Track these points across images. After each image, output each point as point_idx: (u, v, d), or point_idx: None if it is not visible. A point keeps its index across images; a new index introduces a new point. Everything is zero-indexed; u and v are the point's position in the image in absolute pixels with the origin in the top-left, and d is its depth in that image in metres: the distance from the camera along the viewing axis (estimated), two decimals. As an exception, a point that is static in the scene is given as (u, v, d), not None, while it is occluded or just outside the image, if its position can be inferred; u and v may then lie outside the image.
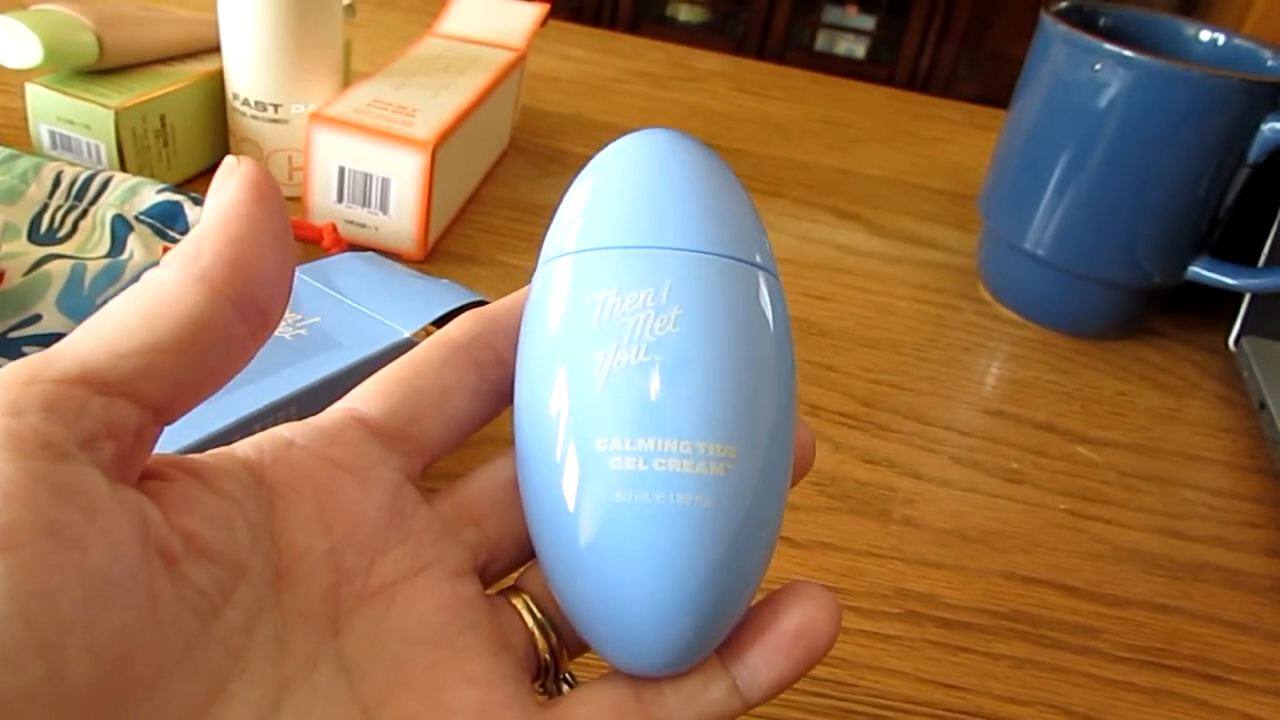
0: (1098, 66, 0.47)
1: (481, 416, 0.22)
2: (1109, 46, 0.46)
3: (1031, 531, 0.40)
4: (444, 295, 0.38)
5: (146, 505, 0.16)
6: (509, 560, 0.22)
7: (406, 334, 0.35)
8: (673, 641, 0.19)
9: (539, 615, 0.21)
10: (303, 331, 0.34)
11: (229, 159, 0.19)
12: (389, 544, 0.20)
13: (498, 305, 0.22)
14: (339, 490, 0.20)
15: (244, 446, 0.20)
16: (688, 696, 0.20)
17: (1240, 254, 0.52)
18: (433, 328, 0.37)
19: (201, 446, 0.28)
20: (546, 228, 0.22)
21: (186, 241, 0.18)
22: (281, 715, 0.17)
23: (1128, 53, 0.45)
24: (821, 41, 2.33)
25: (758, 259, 0.21)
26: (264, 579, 0.18)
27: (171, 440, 0.28)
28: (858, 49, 2.34)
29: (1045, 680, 0.34)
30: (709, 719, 0.20)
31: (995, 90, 0.89)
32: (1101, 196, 0.49)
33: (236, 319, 0.18)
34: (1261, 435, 0.48)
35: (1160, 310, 0.56)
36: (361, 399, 0.21)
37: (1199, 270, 0.51)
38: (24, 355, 0.36)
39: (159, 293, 0.17)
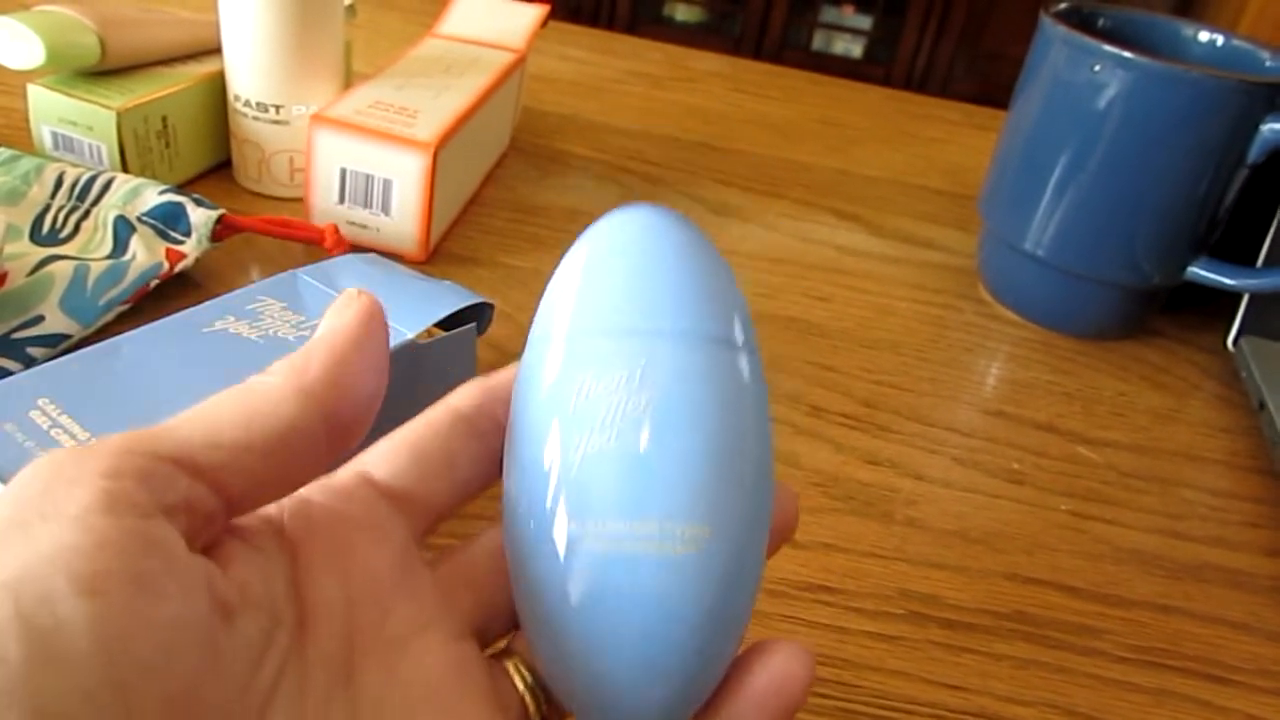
0: (1097, 68, 0.47)
1: (482, 482, 0.23)
2: (1108, 48, 0.46)
3: (1033, 532, 0.40)
4: (446, 297, 0.38)
5: (210, 565, 0.17)
6: (502, 625, 0.23)
7: (410, 335, 0.35)
8: (652, 711, 0.20)
9: (529, 679, 0.22)
10: (306, 333, 0.34)
11: (349, 290, 0.21)
12: (398, 600, 0.21)
13: (499, 376, 0.23)
14: (354, 545, 0.21)
15: None
16: None
17: (1239, 254, 0.52)
18: (436, 329, 0.37)
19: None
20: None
21: (298, 354, 0.20)
22: None
23: (1127, 54, 0.46)
24: (818, 41, 2.33)
25: (735, 337, 0.22)
26: (293, 627, 0.19)
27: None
28: (854, 48, 2.34)
29: (1048, 680, 0.34)
30: None
31: (992, 90, 0.89)
32: (1101, 197, 0.49)
33: (323, 434, 0.19)
34: (1261, 435, 0.49)
35: (1160, 311, 0.56)
36: (371, 462, 0.22)
37: (1198, 270, 0.51)
38: (29, 355, 0.36)
39: (262, 396, 0.19)
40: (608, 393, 0.20)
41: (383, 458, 0.22)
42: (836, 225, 0.62)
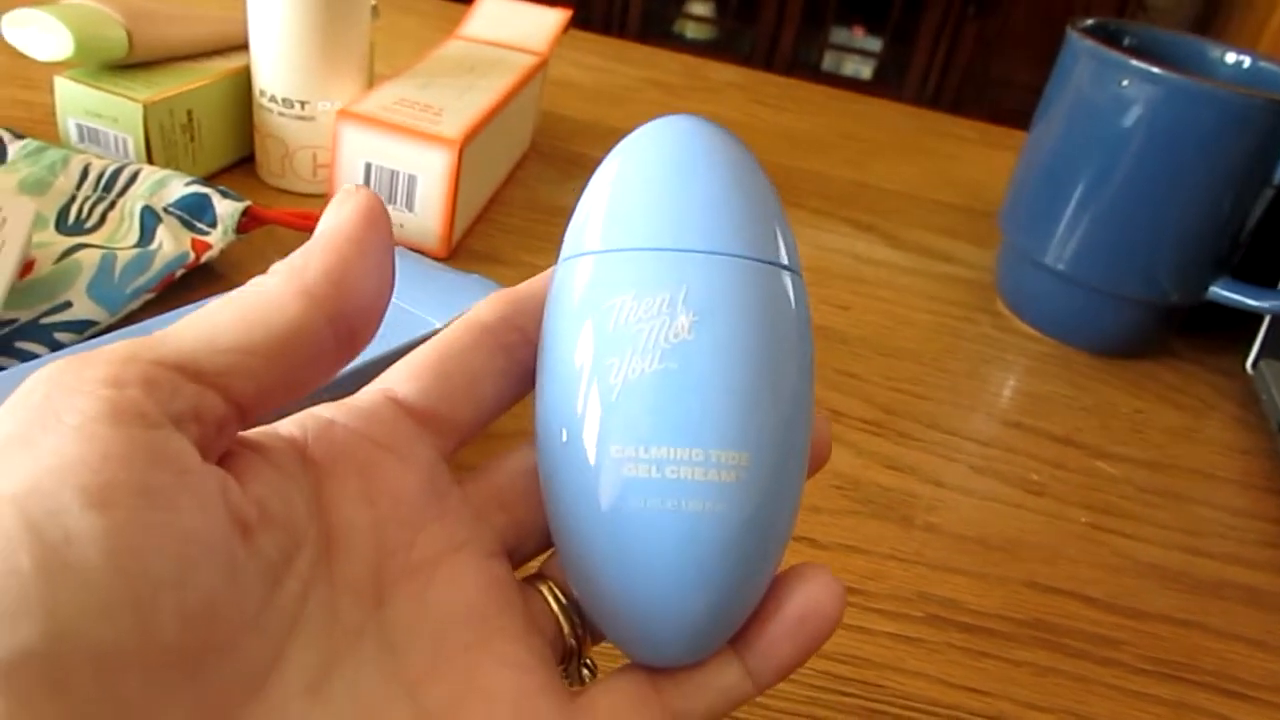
0: (1124, 82, 0.47)
1: (510, 398, 0.22)
2: (1136, 63, 0.46)
3: (1052, 542, 0.40)
4: (473, 288, 0.38)
5: (225, 477, 0.17)
6: (534, 546, 0.22)
7: (437, 325, 0.35)
8: (686, 637, 0.20)
9: (562, 601, 0.22)
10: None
11: (348, 185, 0.20)
12: (427, 521, 0.20)
13: (523, 287, 0.23)
14: (379, 467, 0.20)
15: (286, 425, 0.20)
16: (700, 684, 0.21)
17: (1261, 275, 0.52)
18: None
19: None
20: (570, 216, 0.22)
21: (295, 254, 0.19)
22: (333, 685, 0.17)
23: (1155, 69, 0.46)
24: (828, 62, 2.34)
25: (780, 258, 0.21)
26: (317, 550, 0.18)
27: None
28: (864, 70, 2.35)
29: (1067, 689, 0.34)
30: (722, 704, 0.21)
31: (1001, 116, 0.89)
32: (1124, 213, 0.49)
33: (329, 335, 0.18)
34: (1278, 457, 0.49)
35: (1178, 330, 0.56)
36: (395, 380, 0.21)
37: (1219, 290, 0.51)
38: (56, 340, 0.36)
39: (261, 298, 0.18)
40: (649, 315, 0.20)
41: (406, 376, 0.21)
42: (855, 235, 0.62)
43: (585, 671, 0.23)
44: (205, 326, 0.17)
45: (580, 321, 0.20)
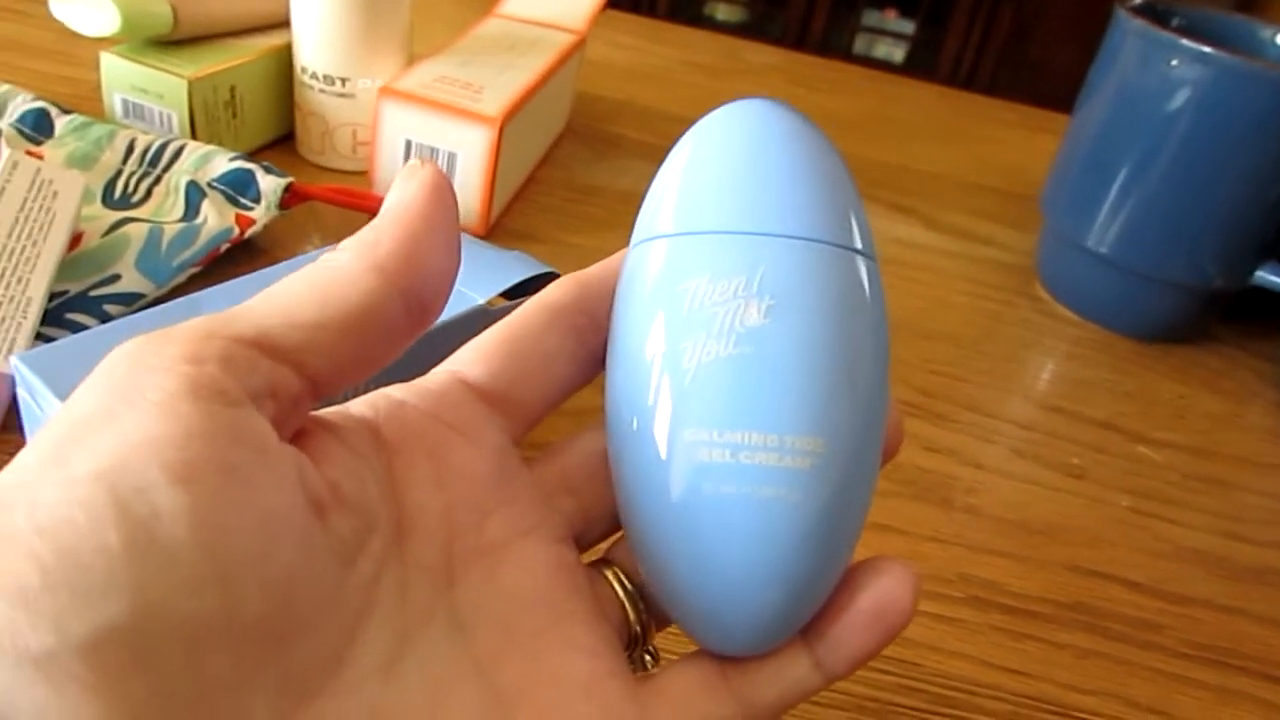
0: (1173, 63, 0.46)
1: (579, 381, 0.22)
2: (1186, 43, 0.46)
3: (1094, 526, 0.40)
4: (515, 265, 0.38)
5: (300, 457, 0.17)
6: (601, 531, 0.22)
7: (480, 301, 0.35)
8: (757, 626, 0.19)
9: (628, 586, 0.22)
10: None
11: (414, 160, 0.20)
12: (497, 504, 0.20)
13: (594, 270, 0.22)
14: (450, 449, 0.20)
15: (358, 405, 0.20)
16: (770, 674, 0.20)
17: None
18: (500, 299, 0.37)
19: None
20: (642, 197, 0.22)
21: (366, 230, 0.19)
22: (405, 663, 0.17)
23: (1206, 49, 0.45)
24: (860, 45, 2.32)
25: (855, 243, 0.20)
26: (389, 531, 0.18)
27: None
28: (896, 53, 2.32)
29: (1109, 671, 0.34)
30: (791, 695, 0.20)
31: (1037, 99, 0.88)
32: (1169, 196, 0.48)
33: (401, 310, 0.18)
34: (1323, 442, 0.48)
35: (1221, 316, 0.55)
36: (465, 363, 0.21)
37: (1265, 275, 0.50)
38: (105, 312, 0.36)
39: (335, 274, 0.18)
40: (723, 298, 0.19)
41: (476, 358, 0.21)
42: (893, 218, 0.62)
43: (648, 659, 0.22)
44: (281, 302, 0.17)
45: (653, 305, 0.20)
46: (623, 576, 0.22)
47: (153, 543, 0.13)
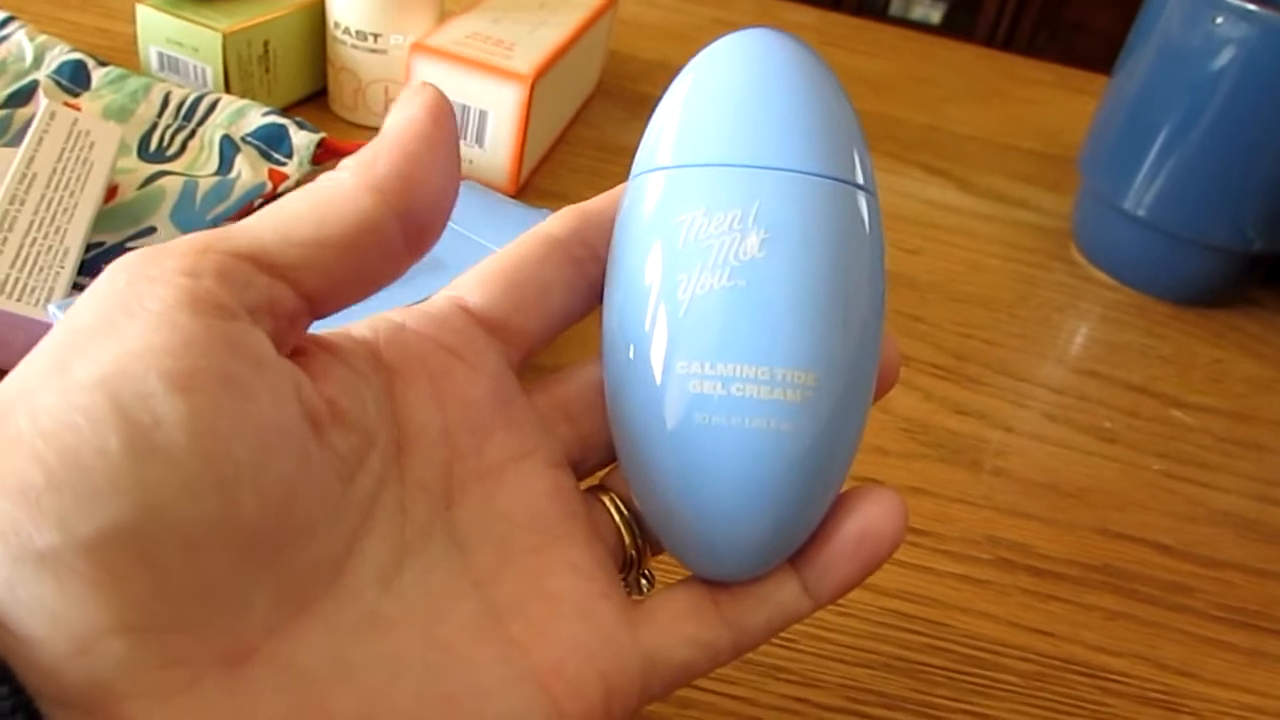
0: (1218, 21, 0.45)
1: (578, 311, 0.22)
2: (1231, 0, 0.45)
3: (1124, 489, 0.40)
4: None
5: (298, 372, 0.17)
6: (598, 460, 0.23)
7: (511, 258, 0.35)
8: (745, 553, 0.20)
9: (625, 512, 0.22)
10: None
11: (415, 83, 0.19)
12: (495, 427, 0.20)
13: (595, 202, 0.22)
14: (450, 372, 0.20)
15: (359, 328, 0.20)
16: (759, 599, 0.21)
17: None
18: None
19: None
20: (642, 130, 0.22)
21: (364, 150, 0.19)
22: (403, 577, 0.18)
23: (1250, 6, 0.44)
24: (896, 6, 2.28)
25: (855, 177, 0.20)
26: (389, 450, 0.19)
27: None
28: (933, 14, 2.28)
29: (1138, 633, 0.34)
30: (779, 619, 0.21)
31: (1076, 62, 0.86)
32: (1210, 157, 0.48)
33: (398, 231, 0.18)
34: (1362, 409, 0.47)
35: (1261, 280, 0.55)
36: (464, 289, 0.21)
37: (1307, 238, 0.49)
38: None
39: (332, 194, 0.18)
40: (720, 230, 0.19)
41: (477, 285, 0.21)
42: (927, 180, 0.61)
43: (644, 582, 0.23)
44: (278, 219, 0.17)
45: (649, 237, 0.20)
46: (619, 502, 0.22)
47: (152, 448, 0.14)
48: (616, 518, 0.22)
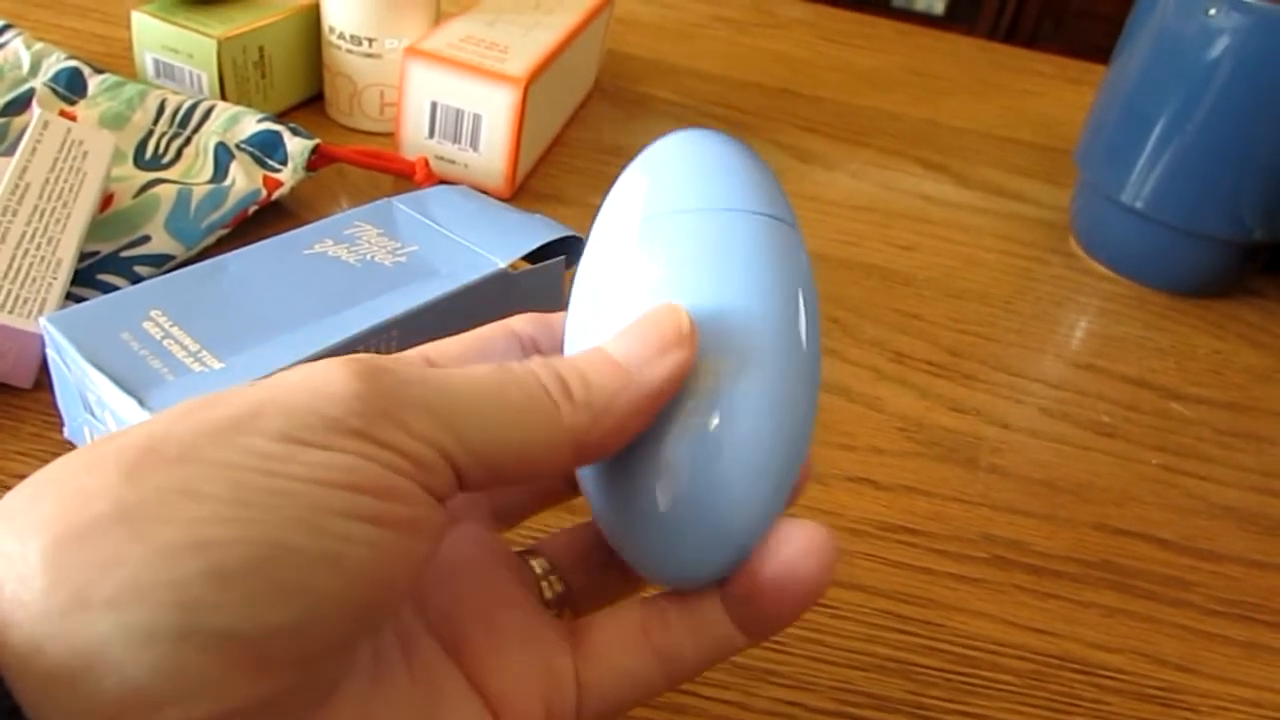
0: (1212, 11, 0.45)
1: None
2: (1225, -10, 0.44)
3: (1122, 484, 0.40)
4: (537, 229, 0.38)
5: None
6: (519, 512, 0.25)
7: (502, 264, 0.35)
8: (686, 558, 0.20)
9: (545, 566, 0.24)
10: (402, 259, 0.35)
11: (683, 326, 0.20)
12: None
13: (555, 315, 0.24)
14: None
15: None
16: (689, 629, 0.21)
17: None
18: (522, 262, 0.37)
19: (314, 359, 0.29)
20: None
21: (600, 385, 0.19)
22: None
23: (1245, -3, 0.44)
24: (899, -2, 2.27)
25: (786, 216, 0.22)
26: None
27: (288, 352, 0.29)
28: (937, 4, 2.27)
29: (1136, 629, 0.34)
30: (710, 651, 0.21)
31: (1080, 51, 0.86)
32: (1207, 148, 0.47)
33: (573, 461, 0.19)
34: (1363, 399, 0.47)
35: (1260, 270, 0.54)
36: (434, 354, 0.22)
37: (1306, 227, 0.49)
38: (135, 273, 0.37)
39: (543, 434, 0.19)
40: (671, 259, 0.21)
41: (443, 354, 0.22)
42: (923, 175, 0.61)
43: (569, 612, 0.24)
44: (487, 425, 0.18)
45: (602, 271, 0.22)
46: (541, 559, 0.24)
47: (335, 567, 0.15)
48: (538, 569, 0.23)
